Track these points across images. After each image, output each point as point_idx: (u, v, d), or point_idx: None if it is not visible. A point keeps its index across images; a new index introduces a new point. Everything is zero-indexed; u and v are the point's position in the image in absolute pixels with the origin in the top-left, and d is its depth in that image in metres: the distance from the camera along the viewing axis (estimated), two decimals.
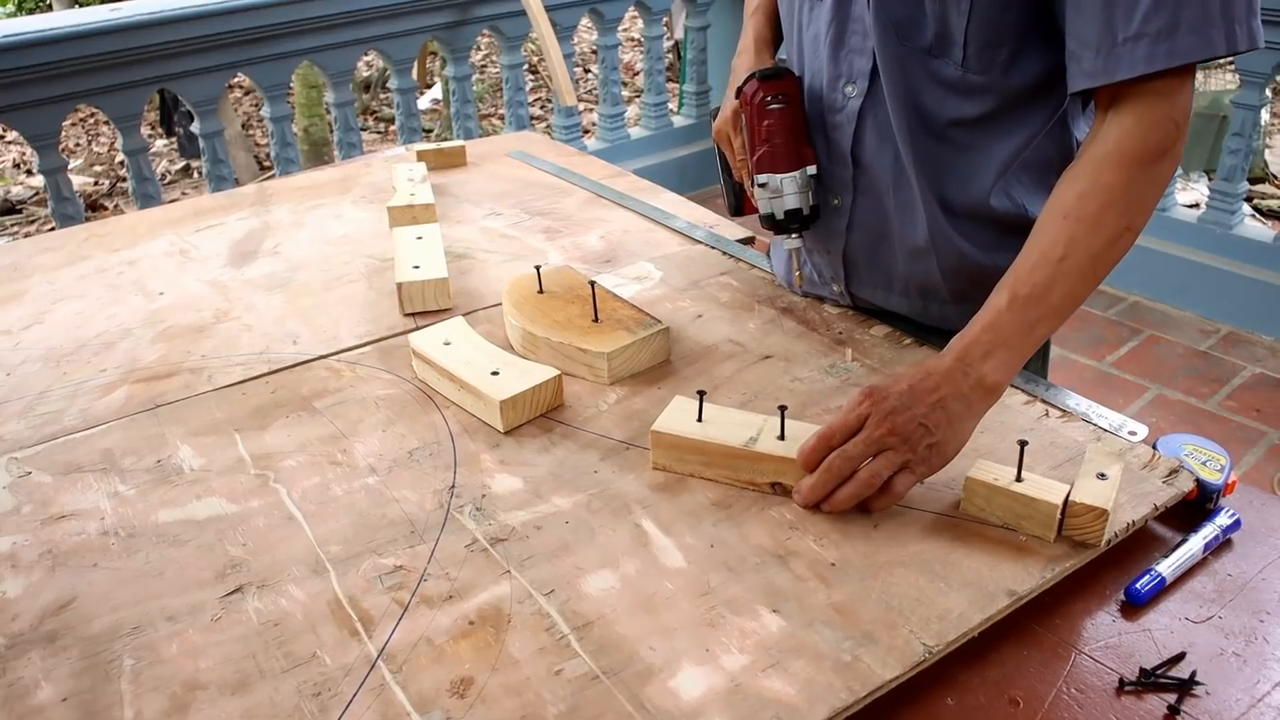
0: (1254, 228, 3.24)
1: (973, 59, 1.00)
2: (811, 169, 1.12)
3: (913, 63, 1.02)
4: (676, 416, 0.97)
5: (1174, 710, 0.72)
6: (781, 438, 0.93)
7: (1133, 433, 0.98)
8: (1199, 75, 0.99)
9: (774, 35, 1.23)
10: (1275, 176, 4.59)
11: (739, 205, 1.27)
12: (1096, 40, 0.90)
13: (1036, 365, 1.22)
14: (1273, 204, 4.20)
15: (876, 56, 1.03)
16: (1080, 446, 0.96)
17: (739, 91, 1.14)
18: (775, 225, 1.15)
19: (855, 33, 1.05)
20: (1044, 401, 1.04)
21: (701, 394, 0.97)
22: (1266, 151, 4.71)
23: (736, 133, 1.17)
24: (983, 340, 0.92)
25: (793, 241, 1.16)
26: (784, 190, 1.12)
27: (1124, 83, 0.90)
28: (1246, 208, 3.33)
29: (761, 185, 1.13)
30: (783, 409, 0.94)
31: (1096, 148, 0.93)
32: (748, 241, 1.45)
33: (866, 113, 1.07)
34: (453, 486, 0.95)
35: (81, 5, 5.62)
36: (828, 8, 1.06)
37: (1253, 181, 4.22)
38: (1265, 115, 4.61)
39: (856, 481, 0.88)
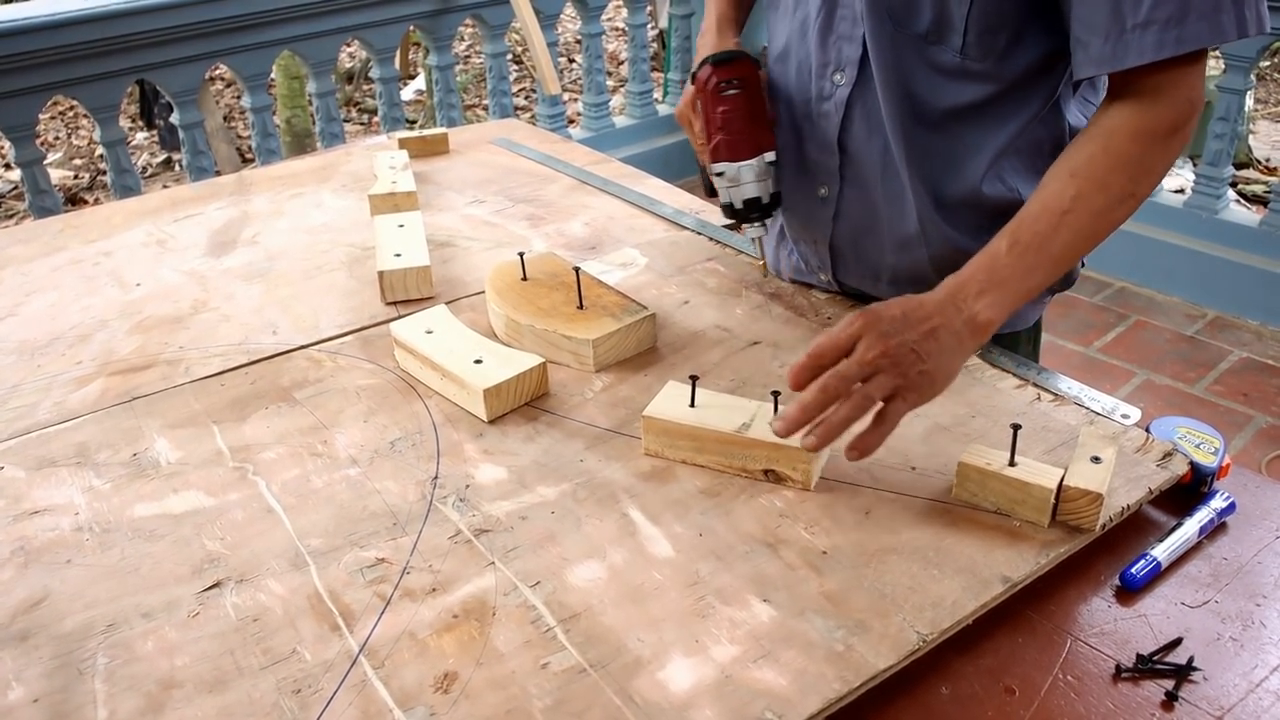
0: (1239, 213, 3.24)
1: (972, 45, 0.98)
2: (770, 155, 1.08)
3: (908, 49, 1.00)
4: (668, 402, 0.95)
5: (1171, 696, 0.71)
6: None
7: (1125, 416, 0.97)
8: None
9: (739, 14, 1.21)
10: (1260, 161, 4.60)
11: (714, 186, 1.25)
12: (1105, 26, 0.88)
13: (1028, 350, 1.21)
14: (1257, 189, 4.21)
15: (867, 44, 1.00)
16: (1073, 430, 0.95)
17: (693, 77, 1.10)
18: (735, 214, 1.12)
19: (844, 19, 1.02)
20: (1036, 385, 1.02)
21: (694, 379, 0.96)
22: (1251, 137, 4.72)
23: (696, 116, 1.14)
24: (978, 278, 0.91)
25: (756, 229, 1.13)
26: (742, 179, 1.08)
27: (1135, 69, 0.89)
28: (1231, 193, 3.33)
29: (719, 174, 1.09)
30: (776, 394, 0.92)
31: (1111, 119, 0.92)
32: (734, 227, 1.44)
33: (855, 101, 1.05)
34: (435, 477, 0.93)
35: None
36: None
37: (1237, 166, 4.23)
38: (1249, 100, 4.62)
39: (850, 404, 0.85)
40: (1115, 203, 0.92)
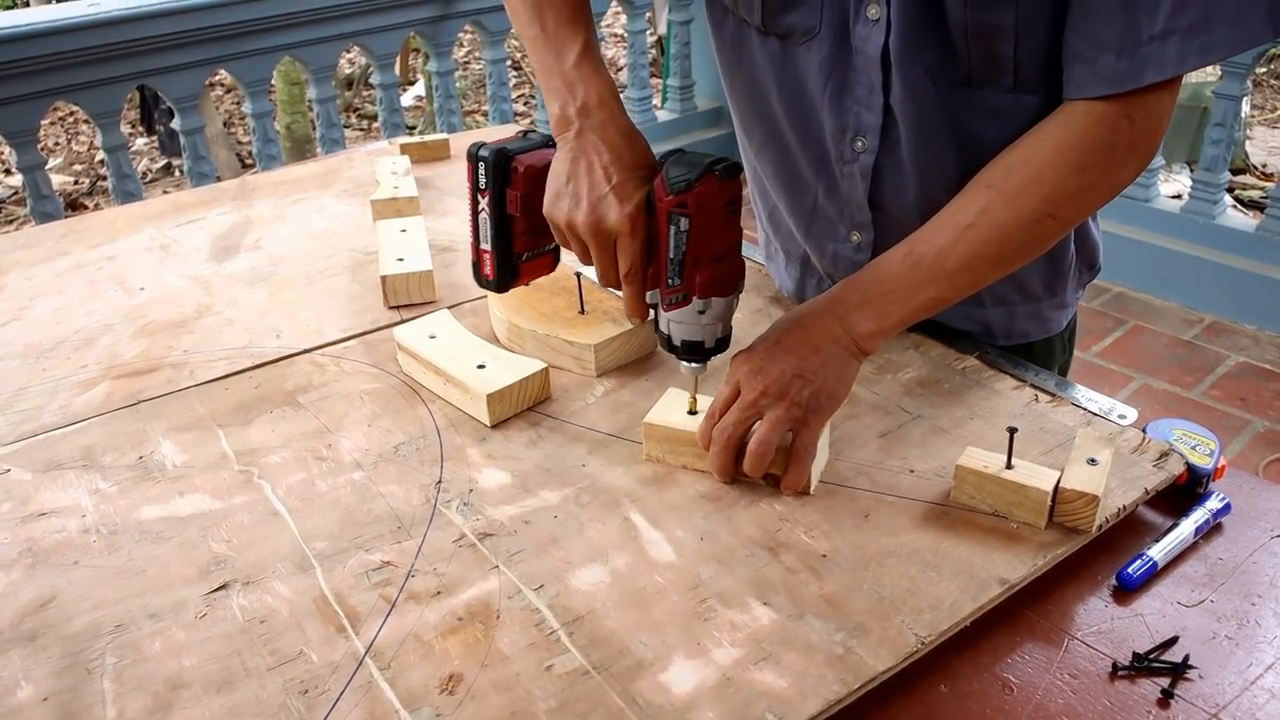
0: (1236, 218, 3.25)
1: (1027, 80, 0.89)
2: (744, 282, 0.94)
3: (955, 101, 0.92)
4: (669, 408, 0.96)
5: (1167, 694, 0.72)
6: None
7: (1122, 416, 0.98)
8: None
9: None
10: (1256, 167, 4.62)
11: (512, 278, 1.03)
12: (1116, 41, 0.80)
13: (1063, 355, 1.18)
14: (1254, 194, 4.22)
15: (895, 109, 0.94)
16: (1070, 432, 0.95)
17: (686, 185, 0.85)
18: (703, 353, 0.93)
19: (860, 84, 0.95)
20: (1033, 386, 1.03)
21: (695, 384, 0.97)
22: (1247, 142, 4.74)
23: (633, 236, 0.89)
24: (864, 286, 0.90)
25: (698, 366, 0.96)
26: (725, 314, 0.93)
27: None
28: (1228, 198, 3.35)
29: (700, 311, 0.90)
30: None
31: (1045, 127, 0.87)
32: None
33: (883, 165, 0.99)
34: (439, 481, 0.94)
35: None
36: (823, 53, 0.95)
37: (1234, 172, 4.25)
38: (1246, 106, 4.64)
39: (749, 454, 0.87)
40: (1026, 223, 0.86)
